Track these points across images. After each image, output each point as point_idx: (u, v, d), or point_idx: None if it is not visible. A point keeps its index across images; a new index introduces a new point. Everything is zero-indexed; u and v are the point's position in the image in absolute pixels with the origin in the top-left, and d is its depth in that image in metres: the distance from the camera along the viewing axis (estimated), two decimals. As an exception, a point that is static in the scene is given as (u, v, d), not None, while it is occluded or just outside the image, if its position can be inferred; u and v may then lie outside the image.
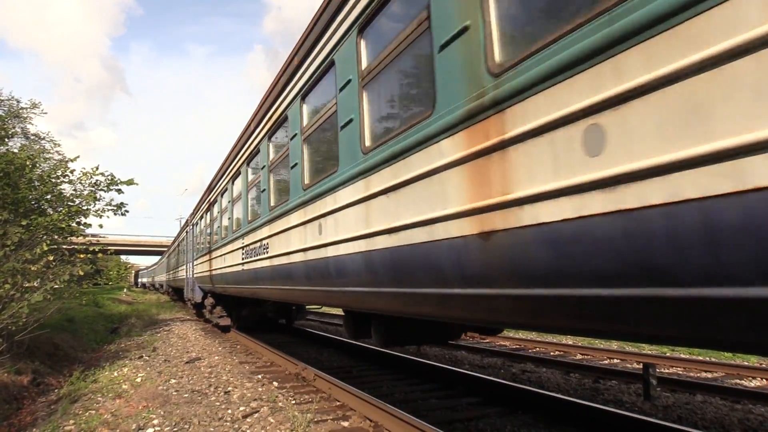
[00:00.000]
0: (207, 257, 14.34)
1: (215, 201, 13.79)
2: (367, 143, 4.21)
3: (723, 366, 8.69)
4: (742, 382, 7.86)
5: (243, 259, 9.23)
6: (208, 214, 15.02)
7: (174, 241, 32.46)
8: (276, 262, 6.87)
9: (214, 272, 12.90)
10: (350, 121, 4.46)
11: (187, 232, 21.49)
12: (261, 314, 14.38)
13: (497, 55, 2.74)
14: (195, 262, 17.51)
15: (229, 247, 10.73)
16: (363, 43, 4.42)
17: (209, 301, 15.74)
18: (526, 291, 2.52)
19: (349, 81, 4.56)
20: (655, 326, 2.07)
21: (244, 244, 9.13)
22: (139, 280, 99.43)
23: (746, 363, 9.09)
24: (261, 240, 7.81)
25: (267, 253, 7.40)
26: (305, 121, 6.00)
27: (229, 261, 10.76)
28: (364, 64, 4.37)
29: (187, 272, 20.12)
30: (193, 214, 19.57)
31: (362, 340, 6.26)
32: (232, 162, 11.19)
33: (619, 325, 2.23)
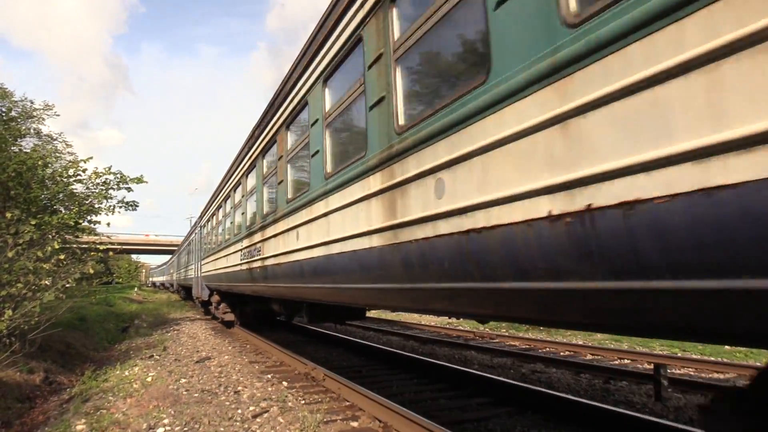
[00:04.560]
0: (212, 258, 15.59)
1: (220, 207, 14.89)
2: (329, 169, 5.43)
3: (735, 367, 8.61)
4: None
5: (242, 259, 10.28)
6: (214, 217, 16.14)
7: (184, 241, 33.56)
8: (278, 260, 7.36)
9: (219, 271, 13.71)
10: (317, 152, 5.78)
11: (195, 233, 22.64)
12: (263, 311, 14.76)
13: (400, 120, 3.91)
14: (202, 262, 18.71)
15: (234, 248, 11.39)
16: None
17: (215, 298, 16.91)
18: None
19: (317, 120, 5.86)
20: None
21: (247, 244, 9.84)
22: (150, 279, 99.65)
23: (758, 364, 8.99)
24: (257, 243, 8.78)
25: (272, 252, 7.79)
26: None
27: (232, 260, 11.48)
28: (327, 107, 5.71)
29: (195, 271, 21.14)
30: (201, 216, 20.79)
31: (367, 340, 6.56)
32: (234, 173, 12.14)
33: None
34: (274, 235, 7.59)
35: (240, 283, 10.90)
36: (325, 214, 5.37)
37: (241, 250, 10.48)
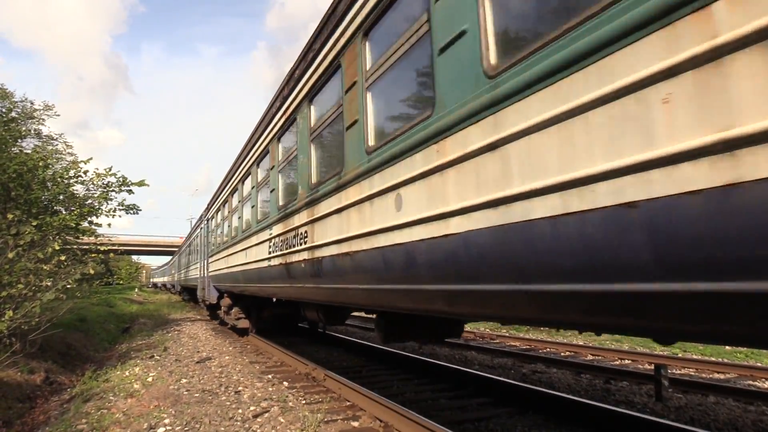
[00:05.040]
0: (224, 253, 13.08)
1: (235, 190, 12.32)
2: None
3: (736, 367, 8.61)
4: (756, 383, 7.78)
5: (271, 251, 7.71)
6: (226, 206, 13.62)
7: (186, 240, 31.47)
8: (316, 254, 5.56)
9: (234, 269, 11.37)
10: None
11: (201, 228, 20.05)
12: (285, 316, 13.22)
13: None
14: (210, 260, 16.28)
15: (254, 240, 9.10)
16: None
17: (226, 301, 14.43)
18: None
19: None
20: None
21: (273, 234, 7.69)
22: (152, 280, 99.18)
23: (759, 364, 9.00)
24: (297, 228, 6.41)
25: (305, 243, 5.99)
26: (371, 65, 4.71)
27: (255, 254, 8.98)
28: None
29: (201, 270, 18.85)
30: (208, 208, 18.18)
31: (367, 341, 6.49)
32: (255, 144, 9.51)
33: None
34: (340, 210, 4.97)
35: (269, 284, 8.20)
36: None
37: (270, 239, 7.81)
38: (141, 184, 11.77)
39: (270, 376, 8.47)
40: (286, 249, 6.79)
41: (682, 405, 6.55)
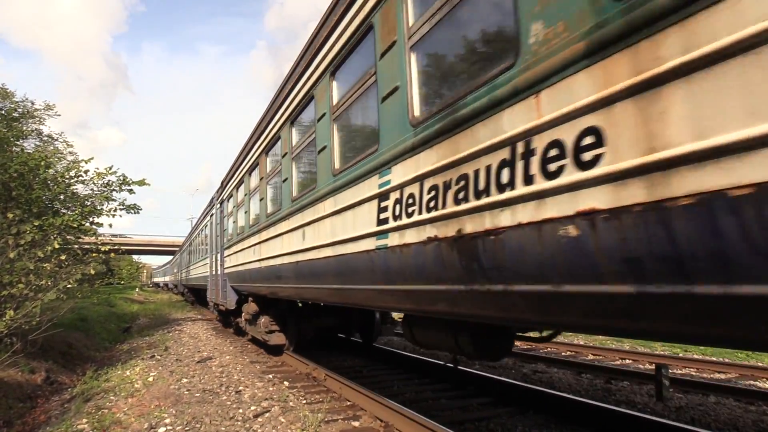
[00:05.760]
0: (249, 242, 9.53)
1: (254, 166, 9.56)
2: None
3: (737, 367, 8.60)
4: (756, 383, 7.77)
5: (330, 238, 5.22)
6: (254, 174, 9.73)
7: (189, 235, 28.14)
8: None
9: (263, 264, 8.32)
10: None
11: (211, 215, 16.29)
12: (330, 328, 10.71)
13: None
14: (225, 253, 12.49)
15: (311, 212, 5.88)
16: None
17: (251, 307, 10.71)
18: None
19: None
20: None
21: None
22: (153, 279, 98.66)
23: (760, 364, 8.99)
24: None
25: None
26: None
27: (302, 241, 6.22)
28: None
29: (211, 267, 15.18)
30: (222, 188, 14.12)
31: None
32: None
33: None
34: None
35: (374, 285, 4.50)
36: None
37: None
38: (141, 183, 11.77)
39: (270, 376, 8.47)
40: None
41: (683, 405, 6.54)
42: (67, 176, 11.11)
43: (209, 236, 16.36)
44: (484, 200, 2.77)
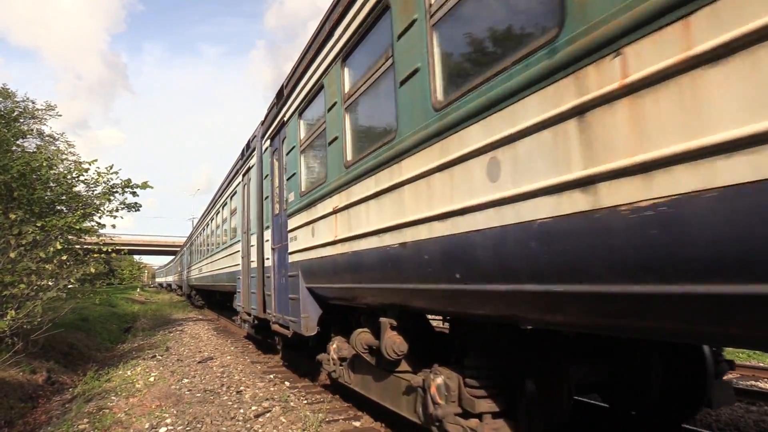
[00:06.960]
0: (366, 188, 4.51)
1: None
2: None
3: (738, 367, 8.57)
4: (758, 383, 7.76)
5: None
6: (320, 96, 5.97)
7: (197, 225, 23.92)
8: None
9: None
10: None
11: (241, 183, 11.32)
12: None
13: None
14: (290, 225, 6.67)
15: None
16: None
17: (394, 338, 4.43)
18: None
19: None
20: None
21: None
22: (156, 279, 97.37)
23: (761, 364, 8.98)
24: None
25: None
26: None
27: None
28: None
29: (247, 257, 9.91)
30: (279, 109, 7.78)
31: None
32: None
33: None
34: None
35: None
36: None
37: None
38: (145, 186, 11.74)
39: (271, 376, 8.47)
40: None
41: (684, 405, 6.53)
42: (69, 177, 11.12)
43: (240, 210, 11.33)
44: None
